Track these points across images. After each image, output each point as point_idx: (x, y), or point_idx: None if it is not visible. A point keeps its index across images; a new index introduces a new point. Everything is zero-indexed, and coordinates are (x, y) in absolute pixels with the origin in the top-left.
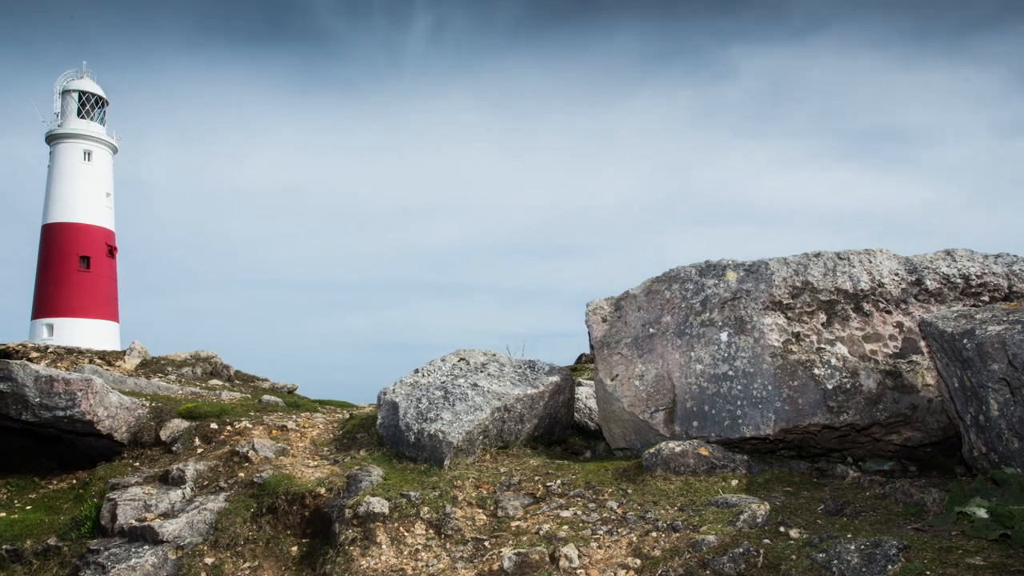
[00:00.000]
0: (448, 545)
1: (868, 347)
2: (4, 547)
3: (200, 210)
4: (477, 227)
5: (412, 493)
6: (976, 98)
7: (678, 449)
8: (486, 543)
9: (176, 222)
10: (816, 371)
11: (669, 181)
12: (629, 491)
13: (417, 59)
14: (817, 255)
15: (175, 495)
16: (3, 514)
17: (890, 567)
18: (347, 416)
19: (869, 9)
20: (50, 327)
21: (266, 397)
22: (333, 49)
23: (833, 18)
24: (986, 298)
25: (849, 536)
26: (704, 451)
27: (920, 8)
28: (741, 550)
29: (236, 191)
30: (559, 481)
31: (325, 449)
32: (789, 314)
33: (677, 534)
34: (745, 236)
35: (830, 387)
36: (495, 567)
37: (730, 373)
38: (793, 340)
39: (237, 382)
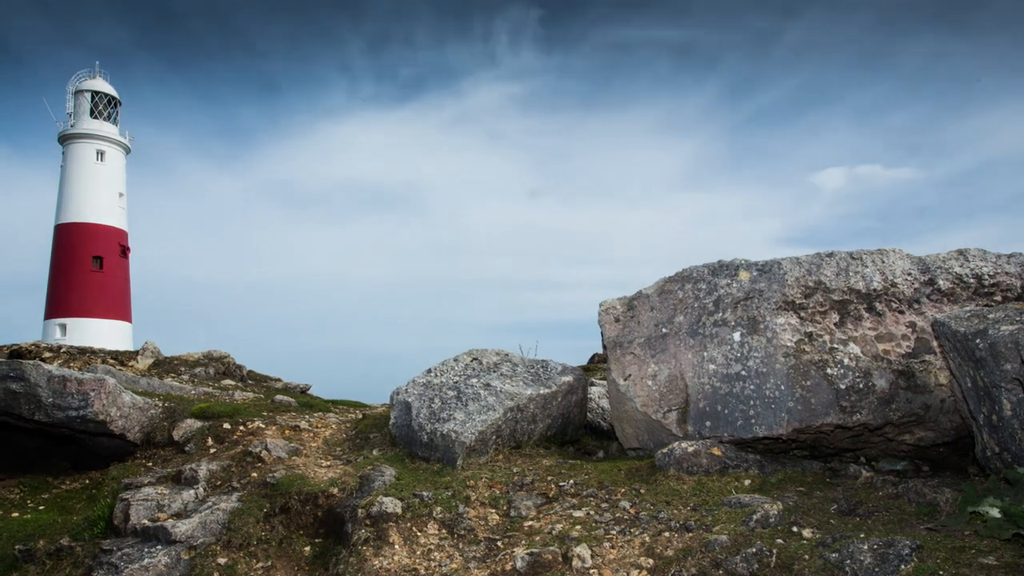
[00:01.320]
0: (461, 545)
1: (881, 347)
2: (17, 547)
3: (213, 212)
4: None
5: (425, 493)
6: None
7: (691, 449)
8: (499, 543)
9: (189, 222)
10: (829, 371)
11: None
12: (642, 491)
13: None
14: (830, 255)
15: (188, 495)
16: (16, 514)
17: (903, 567)
18: (360, 416)
19: None
20: (63, 327)
21: (279, 397)
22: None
23: None
24: (999, 298)
25: (862, 536)
26: (717, 451)
27: None
28: (754, 550)
29: (250, 194)
30: (572, 481)
31: (338, 449)
32: (802, 314)
33: (690, 534)
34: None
35: (843, 387)
36: (508, 567)
37: (743, 373)
38: (806, 340)
39: (250, 382)
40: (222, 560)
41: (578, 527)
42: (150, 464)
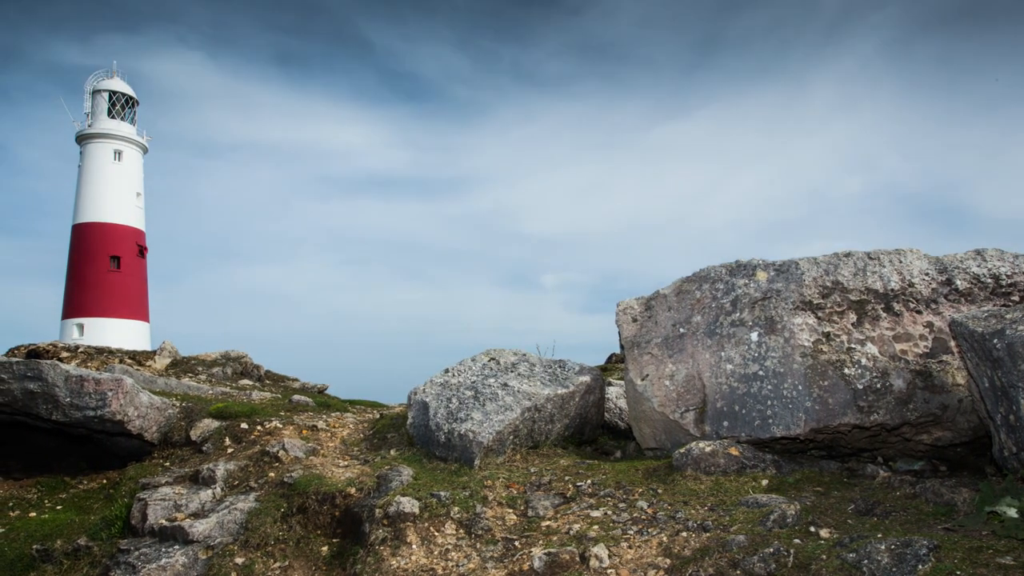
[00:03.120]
0: (478, 545)
1: (898, 347)
2: (34, 547)
3: (229, 212)
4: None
5: (442, 493)
6: None
7: (708, 449)
8: (516, 543)
9: (205, 222)
10: (846, 371)
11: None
12: (659, 491)
13: None
14: (847, 255)
15: (205, 495)
16: (33, 514)
17: (920, 567)
18: (377, 416)
19: None
20: (80, 327)
21: (296, 397)
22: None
23: None
24: (1016, 298)
25: (879, 536)
26: (734, 451)
27: None
28: (771, 550)
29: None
30: (589, 481)
31: (355, 449)
32: (819, 314)
33: (707, 534)
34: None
35: (860, 387)
36: (525, 567)
37: (760, 373)
38: (823, 340)
39: (267, 382)
40: (239, 560)
41: (596, 527)
42: (167, 464)
